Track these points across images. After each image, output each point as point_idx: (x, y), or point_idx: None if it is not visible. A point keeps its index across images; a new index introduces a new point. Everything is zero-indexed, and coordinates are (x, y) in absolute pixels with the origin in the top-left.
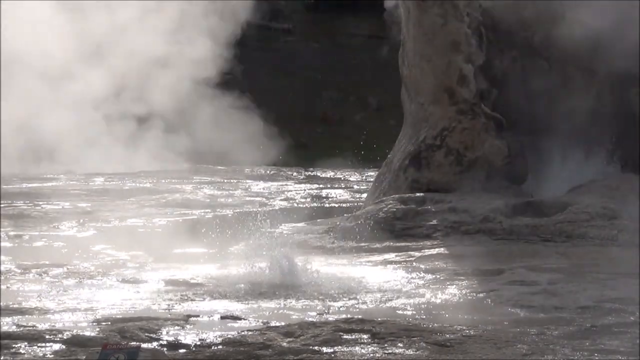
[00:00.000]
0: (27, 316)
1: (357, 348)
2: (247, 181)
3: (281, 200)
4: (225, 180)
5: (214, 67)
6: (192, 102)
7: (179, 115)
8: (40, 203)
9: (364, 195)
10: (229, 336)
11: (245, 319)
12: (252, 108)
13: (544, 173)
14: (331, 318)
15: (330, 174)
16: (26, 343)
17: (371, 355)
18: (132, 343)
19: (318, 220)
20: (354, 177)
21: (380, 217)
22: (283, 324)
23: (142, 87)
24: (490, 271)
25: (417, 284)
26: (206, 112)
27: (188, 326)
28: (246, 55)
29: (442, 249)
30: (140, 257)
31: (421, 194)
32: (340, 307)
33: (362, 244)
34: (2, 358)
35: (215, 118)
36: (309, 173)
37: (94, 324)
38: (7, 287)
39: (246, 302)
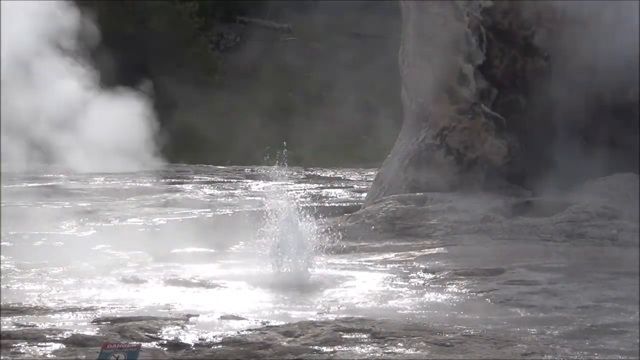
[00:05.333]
0: (27, 316)
1: (357, 348)
2: (247, 181)
3: (281, 199)
4: (225, 180)
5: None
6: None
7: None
8: (40, 203)
9: (364, 195)
10: (229, 336)
11: (245, 319)
12: (252, 107)
13: (544, 173)
14: (331, 317)
15: (330, 173)
16: (26, 343)
17: (371, 355)
18: (132, 343)
19: (318, 220)
20: (354, 177)
21: (380, 217)
22: (283, 323)
23: None
24: (490, 271)
25: (417, 283)
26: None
27: (188, 326)
28: (246, 55)
29: (442, 248)
30: (140, 256)
31: (421, 194)
32: (340, 306)
33: (362, 244)
34: (2, 358)
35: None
36: (309, 173)
37: (94, 323)
38: (7, 286)
39: (246, 301)
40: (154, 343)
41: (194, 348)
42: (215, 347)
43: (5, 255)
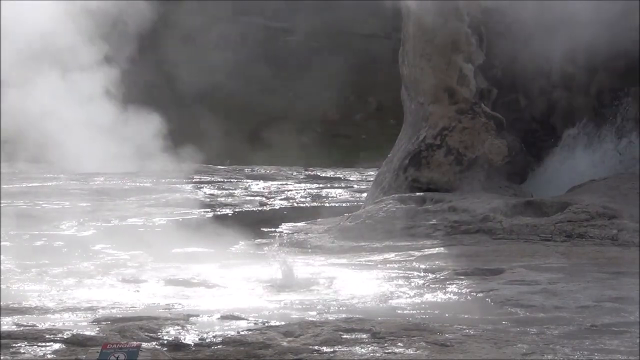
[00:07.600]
0: (27, 316)
1: (357, 348)
2: (247, 181)
3: (281, 199)
4: (225, 180)
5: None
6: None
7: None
8: (40, 202)
9: (364, 195)
10: (229, 336)
11: (245, 319)
12: (252, 108)
13: (544, 173)
14: (331, 317)
15: (330, 173)
16: (26, 343)
17: (371, 355)
18: (132, 343)
19: (318, 220)
20: (354, 176)
21: (380, 217)
22: (283, 323)
23: None
24: (490, 271)
25: (417, 283)
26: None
27: (188, 326)
28: (246, 55)
29: (442, 248)
30: (140, 256)
31: (421, 194)
32: (340, 306)
33: (362, 244)
34: (2, 358)
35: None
36: (309, 172)
37: (94, 323)
38: (7, 286)
39: (246, 301)
40: (154, 343)
41: (194, 348)
42: (215, 347)
43: (5, 255)
